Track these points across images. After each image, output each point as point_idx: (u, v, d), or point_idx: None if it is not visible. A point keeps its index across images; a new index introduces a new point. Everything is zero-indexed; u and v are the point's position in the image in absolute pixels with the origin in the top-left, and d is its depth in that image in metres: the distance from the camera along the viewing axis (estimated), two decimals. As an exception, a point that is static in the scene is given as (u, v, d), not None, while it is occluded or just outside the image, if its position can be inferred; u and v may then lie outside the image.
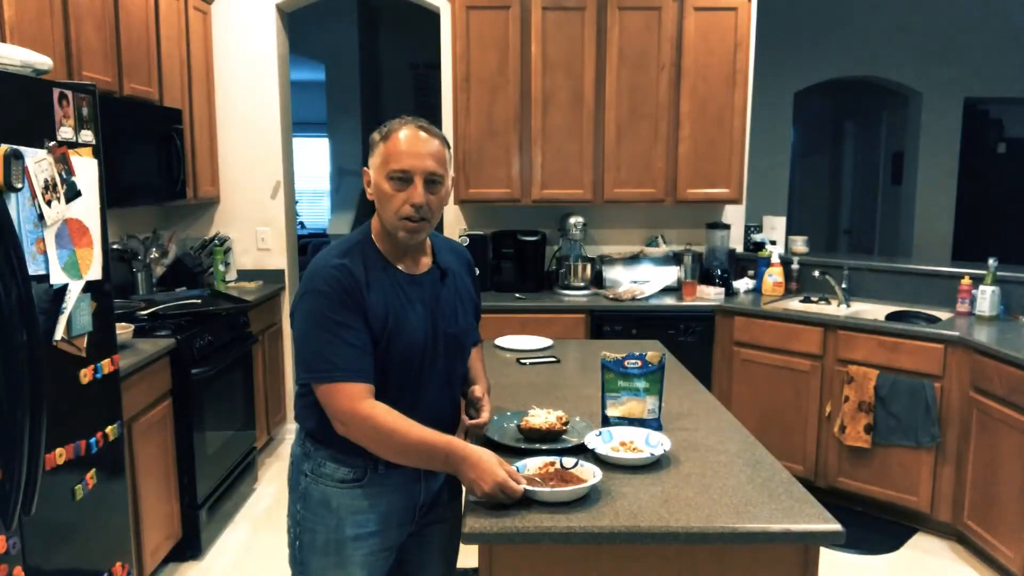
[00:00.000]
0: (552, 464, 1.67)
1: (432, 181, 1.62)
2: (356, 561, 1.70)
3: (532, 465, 1.67)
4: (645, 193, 4.18)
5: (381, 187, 1.62)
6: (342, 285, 1.58)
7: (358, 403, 1.56)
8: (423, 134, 1.63)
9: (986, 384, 3.12)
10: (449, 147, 1.69)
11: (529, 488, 1.54)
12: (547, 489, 1.54)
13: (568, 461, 1.66)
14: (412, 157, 1.60)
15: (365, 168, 1.69)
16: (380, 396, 1.61)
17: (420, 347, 1.68)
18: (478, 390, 1.88)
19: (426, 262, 1.75)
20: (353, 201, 7.65)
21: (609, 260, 4.38)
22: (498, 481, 1.50)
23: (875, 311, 3.89)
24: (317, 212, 10.13)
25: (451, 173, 1.70)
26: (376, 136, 1.66)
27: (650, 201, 4.22)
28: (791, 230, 4.75)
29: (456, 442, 1.57)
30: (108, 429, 2.34)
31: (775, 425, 3.82)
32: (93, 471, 2.25)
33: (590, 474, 1.61)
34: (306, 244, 6.89)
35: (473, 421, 1.82)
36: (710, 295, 4.10)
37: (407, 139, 1.61)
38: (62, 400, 2.11)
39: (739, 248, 4.56)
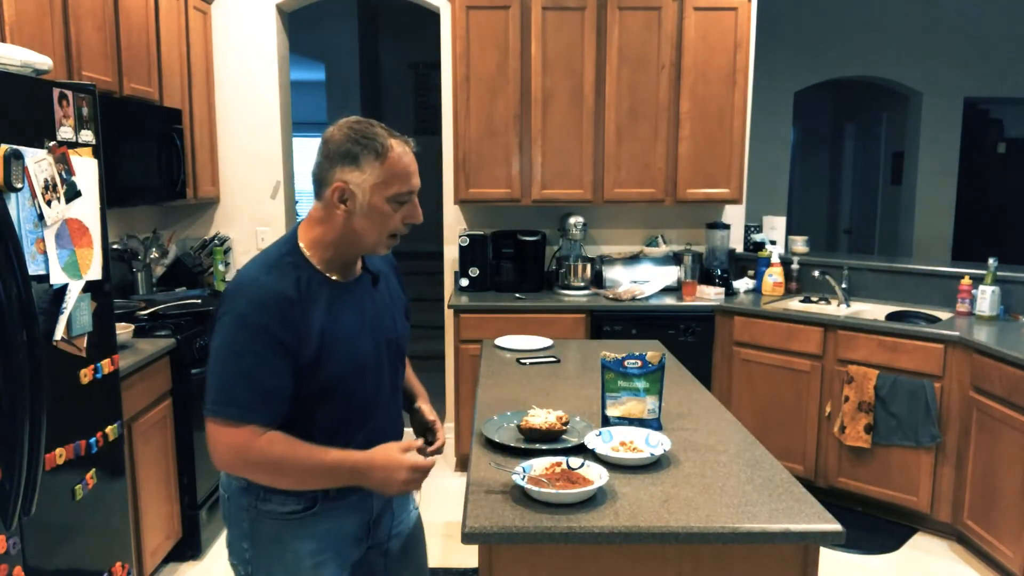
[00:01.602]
0: (559, 464, 1.66)
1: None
2: None
3: (539, 466, 1.66)
4: (645, 193, 4.18)
5: (379, 208, 1.51)
6: (268, 308, 1.46)
7: (252, 441, 1.45)
8: (409, 148, 1.55)
9: (986, 384, 3.12)
10: None
11: (537, 490, 1.54)
12: (553, 491, 1.54)
13: (575, 461, 1.66)
14: (415, 177, 1.55)
15: (339, 183, 1.50)
16: (330, 412, 1.56)
17: (363, 356, 1.60)
18: (427, 410, 1.81)
19: (357, 268, 1.65)
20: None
21: (609, 260, 4.38)
22: (406, 466, 1.48)
23: (875, 311, 3.89)
24: (317, 212, 10.12)
25: None
26: (363, 152, 1.49)
27: (650, 201, 4.22)
28: (791, 230, 4.75)
29: (351, 453, 1.50)
30: (108, 429, 2.34)
31: (775, 425, 3.82)
32: (93, 471, 2.25)
33: (596, 475, 1.61)
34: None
35: (432, 447, 1.72)
36: (710, 295, 4.10)
37: (406, 158, 1.53)
38: (62, 400, 2.11)
39: (739, 248, 4.56)
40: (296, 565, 1.59)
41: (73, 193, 2.11)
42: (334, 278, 1.58)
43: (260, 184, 4.49)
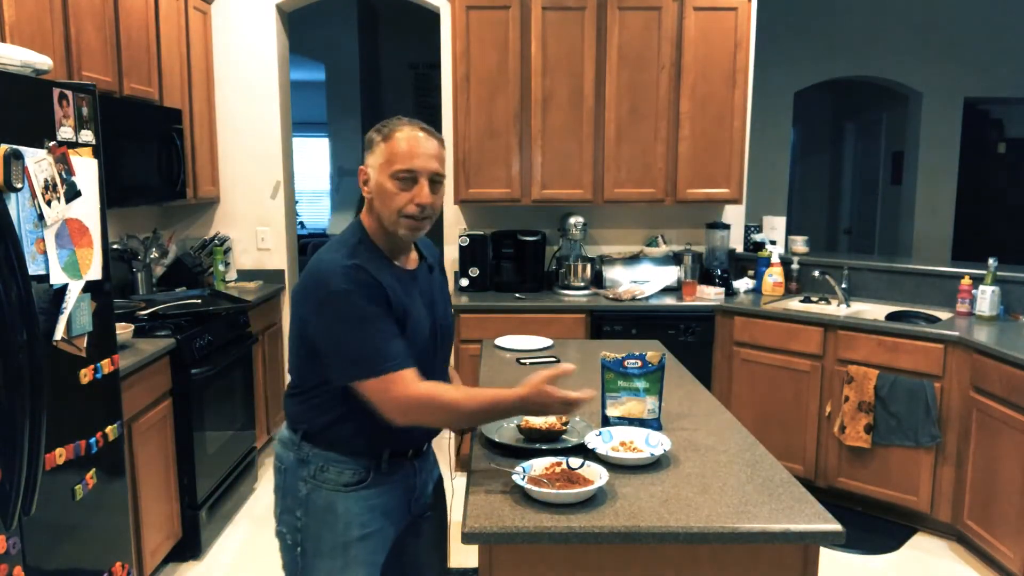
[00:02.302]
0: (559, 464, 1.67)
1: (435, 181, 1.67)
2: (361, 560, 1.71)
3: (539, 466, 1.66)
4: (645, 193, 4.18)
5: (384, 186, 1.64)
6: (363, 282, 1.59)
7: (414, 388, 1.58)
8: (424, 134, 1.66)
9: (986, 384, 3.12)
10: (444, 147, 1.72)
11: (537, 490, 1.54)
12: (552, 491, 1.54)
13: (575, 462, 1.66)
14: (418, 158, 1.63)
15: (362, 166, 1.69)
16: None
17: (426, 339, 1.72)
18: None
19: (414, 257, 1.79)
20: (353, 201, 7.66)
21: (609, 260, 4.38)
22: (558, 400, 1.63)
23: (875, 311, 3.89)
24: (317, 212, 10.11)
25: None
26: (375, 135, 1.66)
27: (650, 201, 4.22)
28: (791, 230, 4.75)
29: (508, 393, 1.64)
30: (108, 429, 2.34)
31: (775, 425, 3.82)
32: (93, 471, 2.25)
33: (596, 475, 1.61)
34: (306, 244, 6.88)
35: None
36: (710, 295, 4.10)
37: (410, 139, 1.64)
38: (62, 400, 2.10)
39: (739, 248, 4.56)
40: (345, 534, 1.70)
41: (73, 193, 2.11)
42: (397, 263, 1.72)
43: (260, 184, 4.49)
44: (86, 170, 2.18)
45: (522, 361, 2.79)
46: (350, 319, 1.58)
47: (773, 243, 4.48)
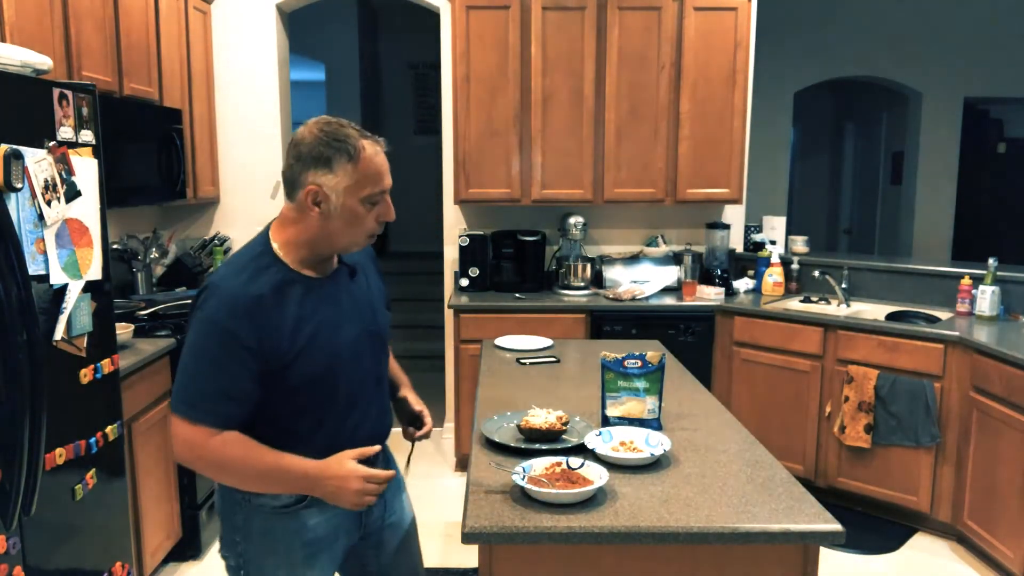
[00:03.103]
0: (559, 464, 1.66)
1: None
2: None
3: (539, 466, 1.66)
4: (645, 193, 4.18)
5: (353, 210, 1.52)
6: (237, 311, 1.47)
7: (206, 440, 1.48)
8: (380, 147, 1.55)
9: (986, 384, 3.12)
10: None
11: (537, 490, 1.54)
12: (552, 491, 1.54)
13: (575, 462, 1.66)
14: (386, 176, 1.55)
15: (315, 186, 1.50)
16: (315, 404, 1.57)
17: (344, 349, 1.60)
18: (413, 399, 1.87)
19: (333, 263, 1.66)
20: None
21: (609, 260, 4.38)
22: (359, 475, 1.50)
23: (875, 311, 3.89)
24: (317, 212, 10.12)
25: None
26: (335, 155, 1.49)
27: (650, 201, 4.22)
28: (791, 230, 4.75)
29: (306, 461, 1.51)
30: (108, 429, 2.34)
31: (775, 425, 3.82)
32: (93, 471, 2.25)
33: (596, 475, 1.61)
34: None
35: (420, 432, 1.82)
36: (710, 295, 4.10)
37: (377, 158, 1.53)
38: (62, 400, 2.11)
39: (739, 248, 4.56)
40: (288, 557, 1.62)
41: (73, 193, 2.11)
42: (309, 274, 1.58)
43: (260, 184, 4.49)
44: (86, 170, 2.18)
45: (522, 361, 2.79)
46: (192, 346, 1.50)
47: (773, 243, 4.48)
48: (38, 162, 1.96)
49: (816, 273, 4.12)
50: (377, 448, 1.61)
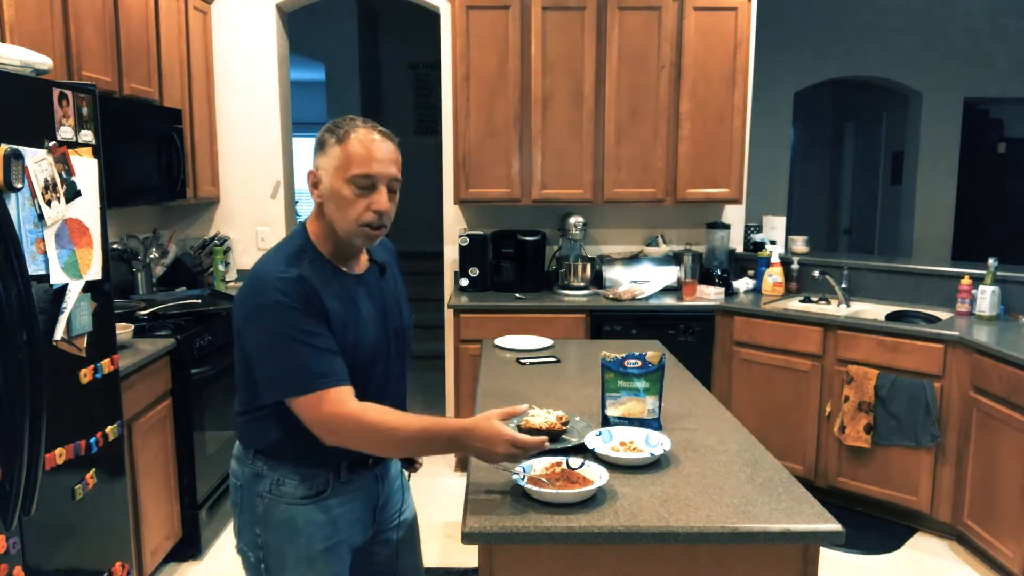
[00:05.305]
0: (558, 464, 1.66)
1: (392, 188, 1.59)
2: (328, 573, 1.67)
3: (538, 465, 1.66)
4: (645, 193, 4.18)
5: (340, 192, 1.54)
6: (300, 293, 1.51)
7: (345, 407, 1.50)
8: (380, 137, 1.57)
9: (986, 384, 3.12)
10: (399, 151, 1.63)
11: (537, 490, 1.54)
12: (552, 491, 1.54)
13: (575, 461, 1.66)
14: (376, 162, 1.54)
15: (312, 169, 1.59)
16: None
17: (377, 347, 1.65)
18: None
19: (364, 260, 1.71)
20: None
21: (609, 260, 4.38)
22: (507, 440, 1.50)
23: (875, 311, 3.89)
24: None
25: None
26: (329, 136, 1.56)
27: (650, 201, 4.22)
28: (791, 230, 4.75)
29: (450, 421, 1.56)
30: (108, 429, 2.34)
31: (775, 425, 3.82)
32: (93, 471, 2.25)
33: (596, 475, 1.61)
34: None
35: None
36: (710, 295, 4.10)
37: (368, 143, 1.54)
38: (62, 400, 2.11)
39: (739, 248, 4.56)
40: (309, 548, 1.64)
41: (73, 193, 2.11)
42: (344, 269, 1.64)
43: (260, 184, 4.49)
44: (86, 170, 2.18)
45: (522, 361, 2.79)
46: (280, 333, 1.50)
47: (773, 243, 4.48)
48: (38, 162, 1.96)
49: (816, 273, 4.12)
50: (525, 407, 1.66)
